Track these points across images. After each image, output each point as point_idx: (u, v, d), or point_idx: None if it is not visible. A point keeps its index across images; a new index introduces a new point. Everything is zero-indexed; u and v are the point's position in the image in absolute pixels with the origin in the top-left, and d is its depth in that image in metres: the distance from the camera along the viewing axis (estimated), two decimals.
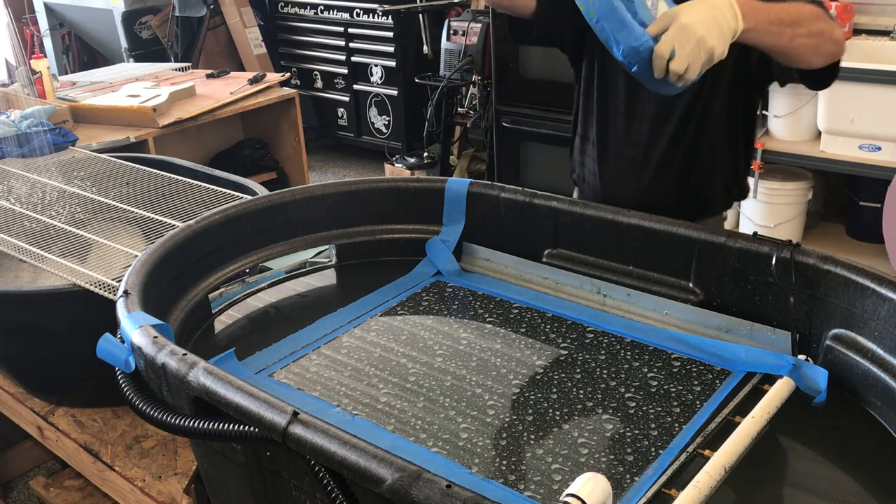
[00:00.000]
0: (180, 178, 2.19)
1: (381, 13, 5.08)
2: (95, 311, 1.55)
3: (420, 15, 4.82)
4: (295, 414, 0.97)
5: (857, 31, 3.85)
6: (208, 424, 1.07)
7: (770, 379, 1.28)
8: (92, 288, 1.64)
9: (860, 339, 1.27)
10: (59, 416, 1.93)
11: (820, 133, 3.61)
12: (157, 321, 1.22)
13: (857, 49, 3.70)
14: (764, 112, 3.78)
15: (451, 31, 4.56)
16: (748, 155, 1.83)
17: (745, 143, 1.79)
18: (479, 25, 4.43)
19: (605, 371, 1.34)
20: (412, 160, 4.81)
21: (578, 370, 1.35)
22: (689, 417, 1.22)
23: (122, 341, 1.21)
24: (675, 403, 1.25)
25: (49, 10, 5.92)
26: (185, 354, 1.12)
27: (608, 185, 1.78)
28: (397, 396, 1.29)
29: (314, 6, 5.48)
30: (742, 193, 1.84)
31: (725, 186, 1.80)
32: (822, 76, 1.51)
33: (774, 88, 3.75)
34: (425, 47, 4.80)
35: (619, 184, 1.75)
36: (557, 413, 1.24)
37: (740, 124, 1.74)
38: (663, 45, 1.25)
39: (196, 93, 3.57)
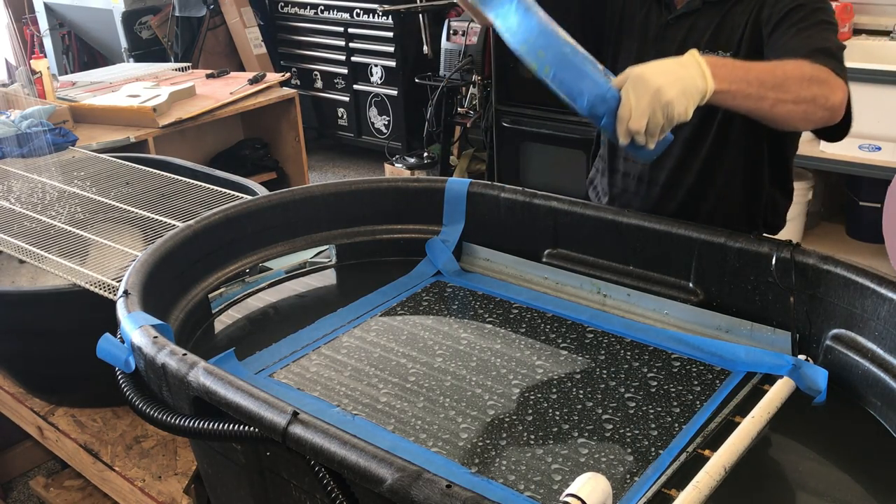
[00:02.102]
0: (180, 178, 2.19)
1: (381, 13, 5.08)
2: (95, 311, 1.55)
3: (420, 15, 4.82)
4: (295, 414, 0.97)
5: (857, 31, 3.85)
6: (208, 424, 1.07)
7: (770, 379, 1.28)
8: (92, 288, 1.64)
9: (860, 339, 1.27)
10: (59, 416, 1.93)
11: None
12: (157, 321, 1.22)
13: (857, 49, 3.70)
14: None
15: (451, 31, 4.57)
16: (783, 186, 1.70)
17: (772, 174, 1.67)
18: (479, 25, 4.43)
19: (605, 371, 1.34)
20: (412, 160, 4.81)
21: (578, 370, 1.35)
22: (689, 417, 1.22)
23: (122, 341, 1.21)
24: (675, 403, 1.25)
25: (49, 10, 5.92)
26: (185, 354, 1.12)
27: (616, 203, 1.73)
28: (397, 396, 1.29)
29: (314, 6, 5.48)
30: (773, 227, 1.72)
31: (749, 216, 1.69)
32: (830, 132, 1.41)
33: None
34: (425, 47, 4.80)
35: (627, 203, 1.71)
36: (557, 413, 1.24)
37: (765, 154, 1.63)
38: (623, 104, 1.16)
39: (196, 93, 3.57)
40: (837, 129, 1.40)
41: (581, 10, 1.72)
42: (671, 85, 1.17)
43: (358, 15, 5.23)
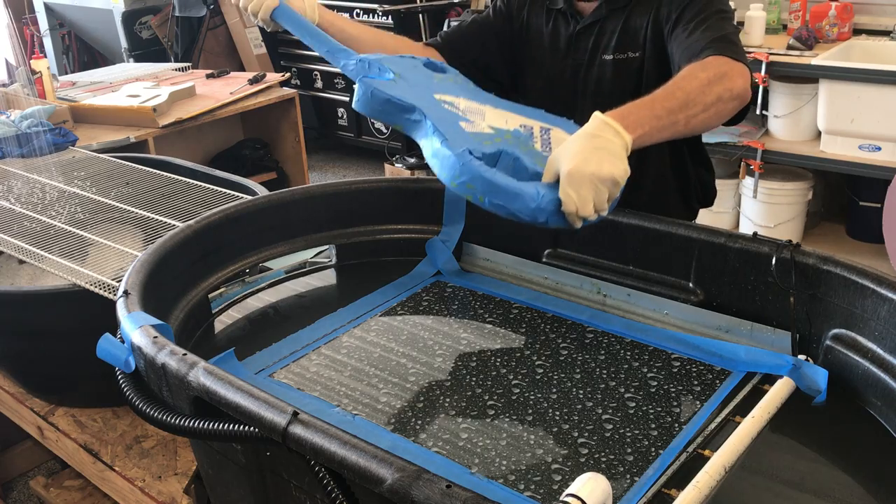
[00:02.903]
0: (180, 178, 2.20)
1: (381, 13, 5.08)
2: (95, 311, 1.55)
3: (420, 15, 4.82)
4: (295, 414, 0.97)
5: (857, 31, 3.85)
6: (208, 424, 1.07)
7: (770, 379, 1.28)
8: (92, 288, 1.64)
9: (860, 339, 1.27)
10: (59, 416, 1.93)
11: (820, 133, 3.61)
12: (157, 321, 1.22)
13: (857, 49, 3.71)
14: (764, 112, 3.78)
15: None
16: (704, 163, 1.86)
17: (692, 153, 1.82)
18: None
19: (605, 371, 1.34)
20: (412, 160, 4.81)
21: (578, 370, 1.35)
22: (689, 417, 1.22)
23: (122, 341, 1.21)
24: (675, 403, 1.25)
25: (49, 10, 5.92)
26: (185, 354, 1.12)
27: None
28: (397, 396, 1.29)
29: None
30: (705, 202, 1.88)
31: (684, 198, 1.84)
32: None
33: (773, 89, 3.76)
34: None
35: None
36: (557, 413, 1.24)
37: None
38: (565, 203, 1.17)
39: (196, 93, 3.57)
40: (741, 110, 1.47)
41: (494, 32, 1.85)
42: (600, 160, 1.17)
43: (358, 15, 5.23)
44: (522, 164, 1.24)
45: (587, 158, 1.17)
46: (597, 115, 1.24)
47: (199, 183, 2.13)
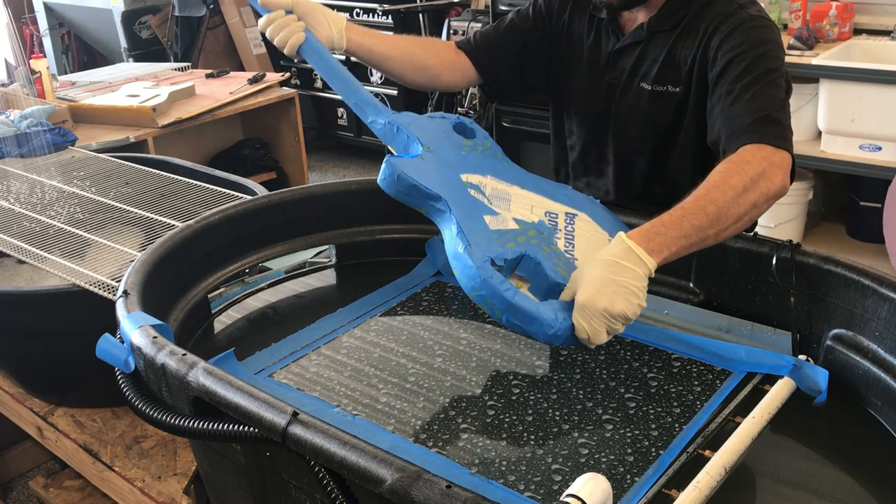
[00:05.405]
0: (180, 178, 2.19)
1: (381, 13, 5.07)
2: (95, 311, 1.54)
3: (420, 15, 4.82)
4: (295, 414, 0.97)
5: (858, 31, 3.85)
6: (208, 425, 1.07)
7: (770, 379, 1.28)
8: (92, 288, 1.63)
9: (861, 339, 1.27)
10: (59, 417, 1.93)
11: (820, 133, 3.61)
12: (156, 321, 1.21)
13: (857, 49, 3.71)
14: None
15: (451, 31, 4.57)
16: None
17: None
18: (479, 25, 4.43)
19: (605, 371, 1.34)
20: None
21: (578, 370, 1.35)
22: (689, 418, 1.22)
23: (122, 341, 1.21)
24: (676, 404, 1.25)
25: (48, 9, 5.92)
26: (184, 355, 1.11)
27: None
28: (397, 396, 1.29)
29: None
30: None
31: None
32: None
33: None
34: None
35: None
36: (557, 413, 1.24)
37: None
38: (578, 331, 1.18)
39: (196, 93, 3.57)
40: None
41: (531, 34, 1.77)
42: (614, 296, 1.16)
43: (358, 14, 5.23)
44: (543, 272, 1.23)
45: (601, 291, 1.16)
46: (621, 236, 1.21)
47: (199, 183, 2.13)
